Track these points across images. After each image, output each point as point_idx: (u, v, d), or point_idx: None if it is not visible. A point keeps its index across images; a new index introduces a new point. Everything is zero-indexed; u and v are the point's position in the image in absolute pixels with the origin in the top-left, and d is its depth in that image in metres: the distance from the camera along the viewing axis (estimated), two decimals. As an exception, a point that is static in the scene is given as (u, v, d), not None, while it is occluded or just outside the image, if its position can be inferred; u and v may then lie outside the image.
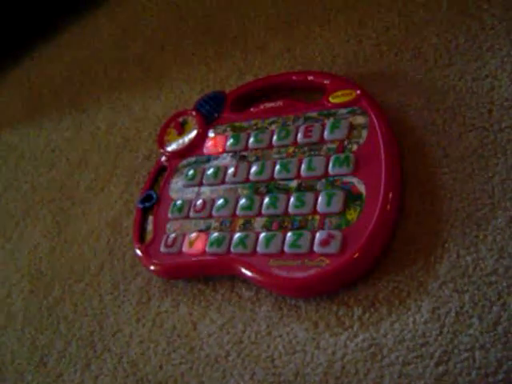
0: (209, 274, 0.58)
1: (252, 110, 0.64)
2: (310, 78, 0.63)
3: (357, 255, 0.49)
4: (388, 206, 0.51)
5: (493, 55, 0.58)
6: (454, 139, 0.55)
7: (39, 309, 0.70)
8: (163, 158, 0.68)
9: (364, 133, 0.55)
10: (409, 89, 0.60)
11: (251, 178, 0.59)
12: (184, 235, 0.59)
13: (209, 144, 0.65)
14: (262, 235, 0.54)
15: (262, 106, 0.64)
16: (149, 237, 0.63)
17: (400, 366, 0.46)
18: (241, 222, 0.57)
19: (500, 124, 0.53)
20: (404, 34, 0.65)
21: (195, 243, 0.58)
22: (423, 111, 0.58)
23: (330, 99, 0.59)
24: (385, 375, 0.46)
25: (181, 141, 0.67)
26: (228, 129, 0.64)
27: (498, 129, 0.53)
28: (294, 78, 0.65)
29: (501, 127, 0.53)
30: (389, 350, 0.47)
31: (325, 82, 0.61)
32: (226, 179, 0.60)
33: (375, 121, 0.56)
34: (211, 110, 0.67)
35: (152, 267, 0.61)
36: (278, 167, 0.58)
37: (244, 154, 0.61)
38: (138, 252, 0.62)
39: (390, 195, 0.51)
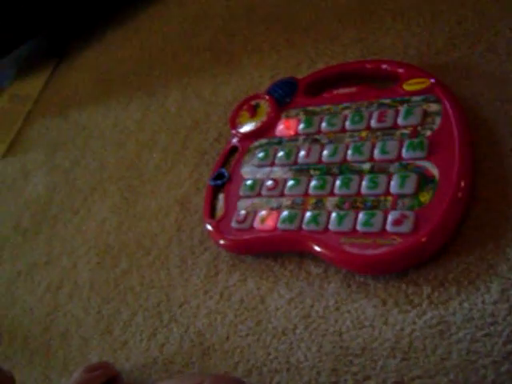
0: (279, 250, 0.60)
1: (324, 95, 0.66)
2: (384, 66, 0.64)
3: (429, 235, 0.50)
4: (460, 190, 0.52)
5: None
6: (527, 130, 0.55)
7: (106, 280, 0.72)
8: (235, 139, 0.70)
9: (437, 120, 0.57)
10: (481, 81, 0.61)
11: (324, 159, 0.60)
12: (255, 212, 0.61)
13: (281, 127, 0.66)
14: (334, 214, 0.56)
15: (334, 92, 0.65)
16: (219, 213, 0.65)
17: (468, 343, 0.47)
18: (313, 200, 0.58)
19: None
20: (477, 27, 0.65)
21: (267, 220, 0.60)
22: (495, 102, 0.58)
23: (404, 87, 0.61)
24: (452, 351, 0.47)
25: (253, 123, 0.68)
26: (300, 113, 0.66)
27: None
28: (367, 65, 0.66)
29: None
30: (457, 327, 0.48)
31: (399, 70, 0.63)
32: (299, 160, 0.62)
33: (449, 108, 0.57)
34: (284, 95, 0.69)
35: (222, 242, 0.63)
36: (350, 150, 0.59)
37: (316, 137, 0.63)
38: (209, 227, 0.65)
39: (463, 180, 0.52)
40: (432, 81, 0.60)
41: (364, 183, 0.56)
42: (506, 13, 0.65)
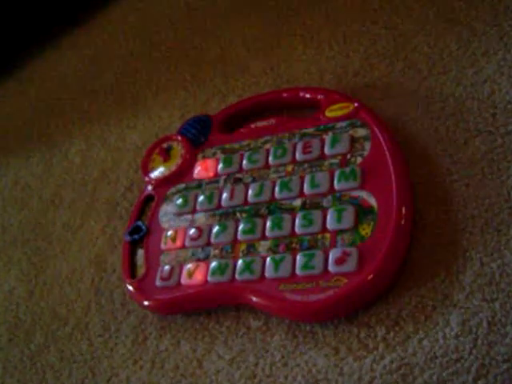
0: (212, 306, 0.54)
1: (242, 130, 0.62)
2: (302, 93, 0.61)
3: (376, 271, 0.46)
4: (403, 219, 0.48)
5: (488, 60, 0.57)
6: (460, 145, 0.53)
7: (20, 359, 0.64)
8: (149, 187, 0.64)
9: (367, 145, 0.53)
10: (405, 99, 0.58)
11: (250, 200, 0.56)
12: (181, 266, 0.55)
13: (198, 169, 0.61)
14: (270, 259, 0.51)
15: (252, 126, 0.61)
16: (140, 271, 0.59)
17: (435, 385, 0.43)
18: (243, 247, 0.53)
19: (506, 127, 0.52)
20: (393, 45, 0.63)
21: (195, 274, 0.54)
22: (423, 120, 0.56)
23: (327, 113, 0.57)
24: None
25: (168, 167, 0.63)
26: (218, 151, 0.61)
27: (505, 132, 0.52)
28: (284, 94, 0.62)
29: (507, 130, 0.52)
30: (420, 369, 0.44)
31: (318, 97, 0.59)
32: (222, 203, 0.57)
33: (378, 132, 0.53)
34: (197, 134, 0.64)
35: (147, 303, 0.56)
36: (278, 187, 0.55)
37: (239, 176, 0.58)
38: (130, 288, 0.58)
39: (404, 207, 0.48)
40: (355, 104, 0.56)
41: (297, 222, 0.51)
42: (420, 28, 0.63)
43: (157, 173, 0.64)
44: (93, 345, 0.60)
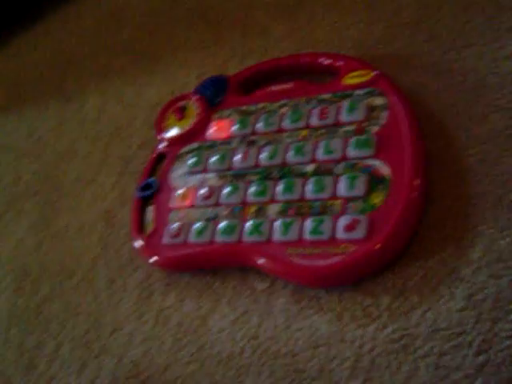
0: (218, 266, 0.54)
1: (258, 93, 0.61)
2: (322, 59, 0.60)
3: (385, 240, 0.46)
4: (415, 190, 0.48)
5: (513, 36, 0.56)
6: (478, 121, 0.52)
7: (26, 308, 0.65)
8: (162, 145, 0.64)
9: (384, 114, 0.53)
10: (425, 71, 0.57)
11: (262, 163, 0.55)
12: (190, 225, 0.55)
13: (213, 129, 0.61)
14: (278, 222, 0.51)
15: (269, 89, 0.60)
16: (149, 228, 0.59)
17: (436, 357, 0.43)
18: (253, 209, 0.53)
19: (527, 104, 0.51)
20: (416, 16, 0.62)
21: (203, 233, 0.54)
22: (443, 93, 0.55)
23: (345, 80, 0.56)
24: (420, 367, 0.43)
25: (182, 126, 0.63)
26: (233, 113, 0.61)
27: (525, 109, 0.51)
28: (303, 59, 0.61)
29: (527, 107, 0.51)
30: (422, 340, 0.44)
31: (338, 63, 0.58)
32: (234, 165, 0.57)
33: (396, 102, 0.53)
34: (214, 94, 0.63)
35: (155, 259, 0.57)
36: (291, 151, 0.54)
37: (252, 138, 0.58)
38: (138, 244, 0.58)
39: (417, 178, 0.48)
40: (375, 73, 0.55)
41: (308, 187, 0.51)
42: (445, 1, 0.62)
43: (171, 131, 0.63)
44: (98, 298, 0.60)
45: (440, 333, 0.44)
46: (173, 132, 0.63)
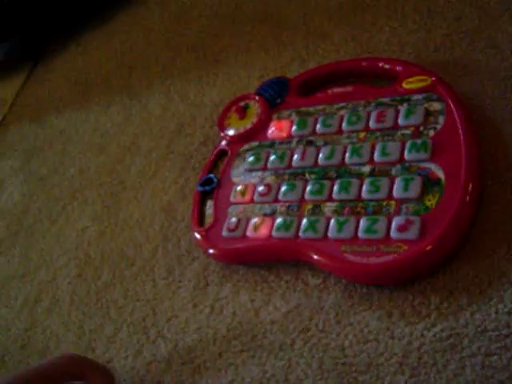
0: (274, 260, 0.56)
1: (318, 95, 0.63)
2: (381, 63, 0.61)
3: (437, 242, 0.47)
4: (469, 193, 0.49)
5: None
6: (535, 130, 0.53)
7: (87, 293, 0.68)
8: (223, 142, 0.66)
9: (441, 119, 0.54)
10: (484, 78, 0.58)
11: (320, 162, 0.57)
12: (248, 219, 0.57)
13: (272, 129, 0.63)
14: (334, 220, 0.52)
15: (329, 92, 0.62)
16: (208, 221, 0.61)
17: (482, 356, 0.44)
18: (309, 206, 0.55)
19: None
20: (477, 23, 0.63)
21: (260, 227, 0.56)
22: (500, 100, 0.56)
23: (404, 85, 0.58)
24: (466, 366, 0.44)
25: (243, 125, 0.65)
26: (293, 114, 0.63)
27: None
28: (363, 63, 0.63)
29: None
30: (469, 340, 0.45)
31: (397, 68, 0.60)
32: (293, 164, 0.59)
33: (453, 107, 0.54)
34: (274, 95, 0.65)
35: (212, 251, 0.59)
36: (349, 152, 0.56)
37: (311, 138, 0.60)
38: (198, 236, 0.61)
39: (471, 183, 0.49)
40: (433, 79, 0.57)
41: (364, 187, 0.53)
42: (505, 8, 0.62)
43: (232, 129, 0.66)
44: (156, 286, 0.63)
45: (488, 334, 0.45)
46: (234, 130, 0.65)
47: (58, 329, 0.67)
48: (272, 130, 0.63)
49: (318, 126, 0.60)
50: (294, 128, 0.61)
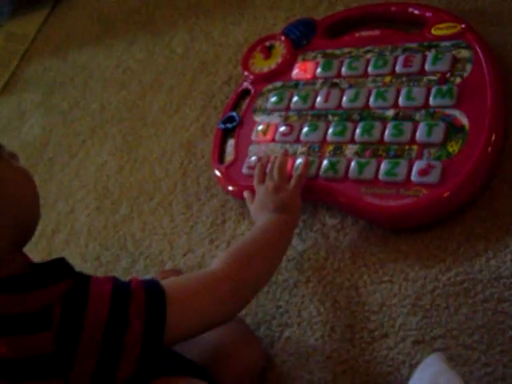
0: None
1: (345, 38, 0.62)
2: (411, 9, 0.60)
3: (457, 188, 0.47)
4: (492, 141, 0.49)
5: None
6: None
7: (105, 226, 0.69)
8: (247, 82, 0.66)
9: (468, 67, 0.53)
10: (514, 28, 0.57)
11: (344, 105, 0.57)
12: (268, 158, 0.58)
13: (297, 70, 0.63)
14: (355, 161, 0.53)
15: (356, 35, 0.62)
16: (228, 158, 0.61)
17: (495, 302, 0.44)
18: (331, 147, 0.55)
19: None
20: (509, -28, 0.61)
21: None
22: (529, 51, 0.55)
23: (432, 31, 0.57)
24: (478, 311, 0.45)
25: (267, 65, 0.65)
26: (319, 55, 0.62)
27: None
28: (393, 8, 0.62)
29: None
30: (483, 286, 0.45)
31: (427, 13, 0.59)
32: (316, 105, 0.59)
33: (481, 56, 0.53)
34: (300, 36, 0.65)
35: (232, 188, 0.60)
36: (373, 95, 0.56)
37: (336, 81, 0.59)
38: (218, 173, 0.61)
39: (495, 132, 0.49)
40: (463, 26, 0.56)
41: (387, 131, 0.53)
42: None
43: (256, 69, 0.65)
44: (174, 221, 0.64)
45: (502, 280, 0.45)
46: (258, 70, 0.65)
47: (74, 260, 0.68)
48: (296, 71, 0.63)
49: (344, 69, 0.59)
50: (318, 70, 0.61)
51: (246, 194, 0.55)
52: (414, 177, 0.49)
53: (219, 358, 0.46)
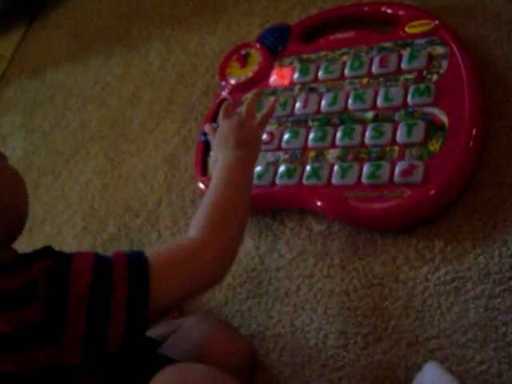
0: (278, 207, 0.56)
1: (320, 41, 0.62)
2: (384, 8, 0.60)
3: (440, 186, 0.47)
4: (472, 139, 0.48)
5: None
6: (539, 72, 0.52)
7: (93, 246, 0.69)
8: (225, 92, 0.66)
9: (444, 63, 0.53)
10: (487, 21, 0.57)
11: (323, 109, 0.57)
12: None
13: (274, 76, 0.63)
14: (337, 166, 0.52)
15: (331, 38, 0.61)
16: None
17: (486, 299, 0.44)
18: (312, 153, 0.55)
19: None
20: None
21: (263, 176, 0.56)
22: (503, 44, 0.55)
23: (406, 29, 0.57)
24: (470, 309, 0.44)
25: (244, 73, 0.64)
26: (295, 61, 0.62)
27: None
28: (365, 8, 0.62)
29: None
30: (473, 283, 0.45)
31: (400, 12, 0.59)
32: (295, 111, 0.58)
33: (457, 51, 0.53)
34: (276, 43, 0.64)
35: (217, 201, 0.59)
36: (351, 98, 0.56)
37: (313, 85, 0.59)
38: (201, 185, 0.61)
39: (475, 127, 0.49)
40: (436, 22, 0.56)
41: (368, 133, 0.53)
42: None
43: (233, 78, 0.65)
44: (162, 236, 0.63)
45: (491, 276, 0.45)
46: (235, 79, 0.65)
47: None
48: (274, 78, 0.62)
49: (321, 73, 0.59)
50: (296, 75, 0.61)
51: (207, 127, 0.56)
52: (397, 178, 0.49)
53: (205, 357, 0.45)
